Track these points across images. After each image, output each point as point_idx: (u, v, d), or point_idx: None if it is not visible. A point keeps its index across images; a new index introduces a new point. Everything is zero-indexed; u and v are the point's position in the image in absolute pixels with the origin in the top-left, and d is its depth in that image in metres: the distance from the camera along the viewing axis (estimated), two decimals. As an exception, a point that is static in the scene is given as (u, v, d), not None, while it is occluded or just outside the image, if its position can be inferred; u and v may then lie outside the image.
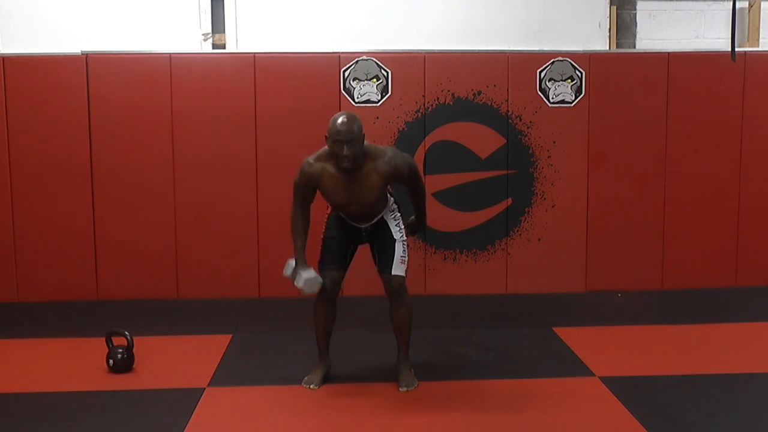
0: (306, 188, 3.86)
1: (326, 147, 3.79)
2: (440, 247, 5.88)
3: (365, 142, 3.77)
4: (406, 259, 3.96)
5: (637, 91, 5.84)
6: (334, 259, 3.98)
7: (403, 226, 4.00)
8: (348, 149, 3.65)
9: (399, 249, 3.93)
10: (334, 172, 3.77)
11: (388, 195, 3.99)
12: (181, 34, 6.04)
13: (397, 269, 3.91)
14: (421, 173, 5.60)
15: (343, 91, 5.70)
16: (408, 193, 4.03)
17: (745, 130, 5.93)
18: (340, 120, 3.67)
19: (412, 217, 4.16)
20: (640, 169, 5.90)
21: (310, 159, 3.84)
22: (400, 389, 3.92)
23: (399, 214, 4.02)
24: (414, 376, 4.01)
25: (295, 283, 3.88)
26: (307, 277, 3.85)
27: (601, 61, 5.84)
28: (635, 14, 6.36)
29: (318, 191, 3.88)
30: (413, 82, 5.74)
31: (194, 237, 5.76)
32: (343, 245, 4.00)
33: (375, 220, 3.97)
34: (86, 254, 5.72)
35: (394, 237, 3.95)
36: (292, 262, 3.90)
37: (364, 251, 4.08)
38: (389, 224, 3.97)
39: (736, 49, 5.28)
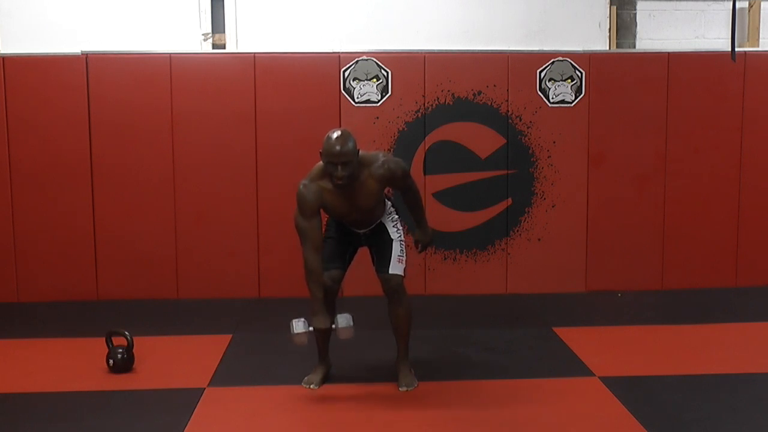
0: (312, 213, 3.76)
1: (317, 165, 3.80)
2: (440, 247, 5.87)
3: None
4: (404, 258, 3.95)
5: (637, 91, 5.84)
6: (334, 257, 3.97)
7: (400, 227, 4.00)
8: (343, 169, 3.65)
9: (396, 248, 3.93)
10: (331, 187, 3.76)
11: (386, 199, 4.00)
12: (181, 34, 6.04)
13: (395, 268, 3.91)
14: (420, 174, 5.65)
15: (343, 91, 5.70)
16: (404, 200, 4.02)
17: (745, 130, 5.93)
18: (335, 141, 3.63)
19: (417, 231, 4.11)
20: (640, 169, 5.90)
21: (305, 181, 3.80)
22: (400, 389, 3.92)
23: (396, 216, 4.03)
24: (414, 376, 4.01)
25: (293, 328, 3.80)
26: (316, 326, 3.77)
27: (601, 61, 5.84)
28: (635, 14, 6.36)
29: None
30: (413, 82, 5.74)
31: (194, 237, 5.76)
32: (342, 245, 4.00)
33: (374, 225, 3.98)
34: (86, 254, 5.72)
35: (392, 237, 3.95)
36: (295, 324, 3.82)
37: (364, 251, 4.08)
38: (387, 226, 3.97)
39: (736, 49, 5.28)
